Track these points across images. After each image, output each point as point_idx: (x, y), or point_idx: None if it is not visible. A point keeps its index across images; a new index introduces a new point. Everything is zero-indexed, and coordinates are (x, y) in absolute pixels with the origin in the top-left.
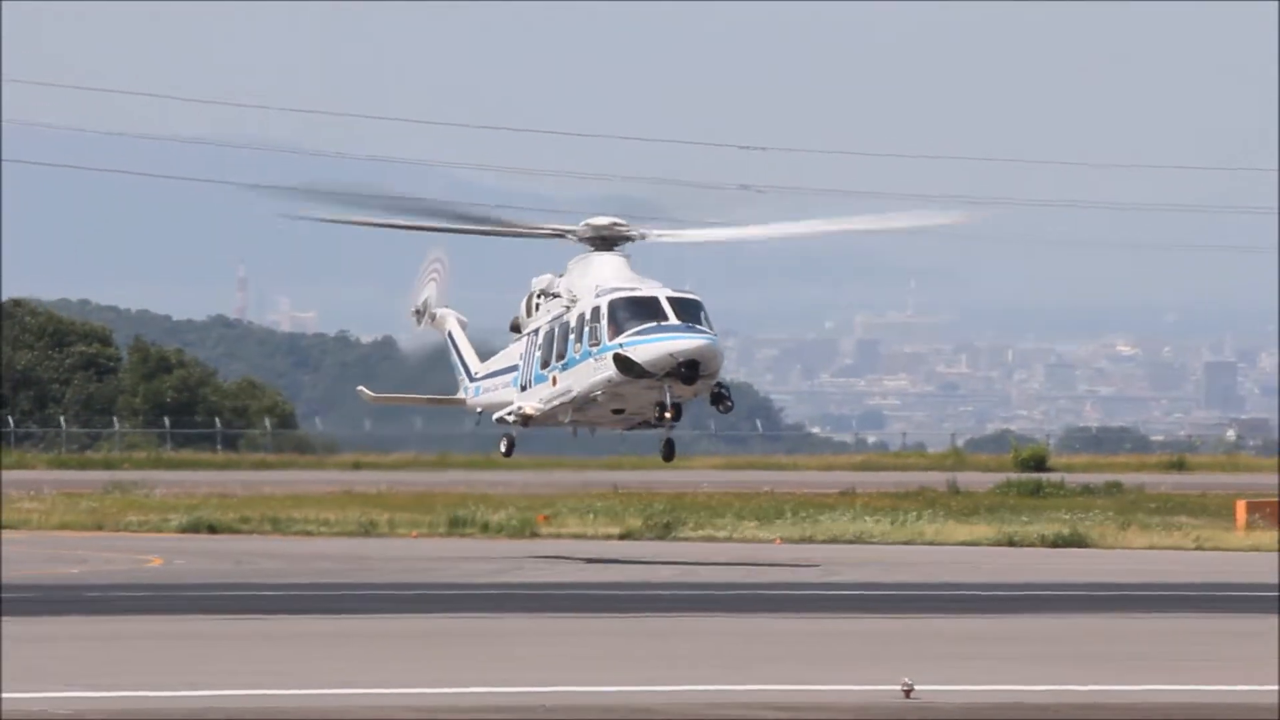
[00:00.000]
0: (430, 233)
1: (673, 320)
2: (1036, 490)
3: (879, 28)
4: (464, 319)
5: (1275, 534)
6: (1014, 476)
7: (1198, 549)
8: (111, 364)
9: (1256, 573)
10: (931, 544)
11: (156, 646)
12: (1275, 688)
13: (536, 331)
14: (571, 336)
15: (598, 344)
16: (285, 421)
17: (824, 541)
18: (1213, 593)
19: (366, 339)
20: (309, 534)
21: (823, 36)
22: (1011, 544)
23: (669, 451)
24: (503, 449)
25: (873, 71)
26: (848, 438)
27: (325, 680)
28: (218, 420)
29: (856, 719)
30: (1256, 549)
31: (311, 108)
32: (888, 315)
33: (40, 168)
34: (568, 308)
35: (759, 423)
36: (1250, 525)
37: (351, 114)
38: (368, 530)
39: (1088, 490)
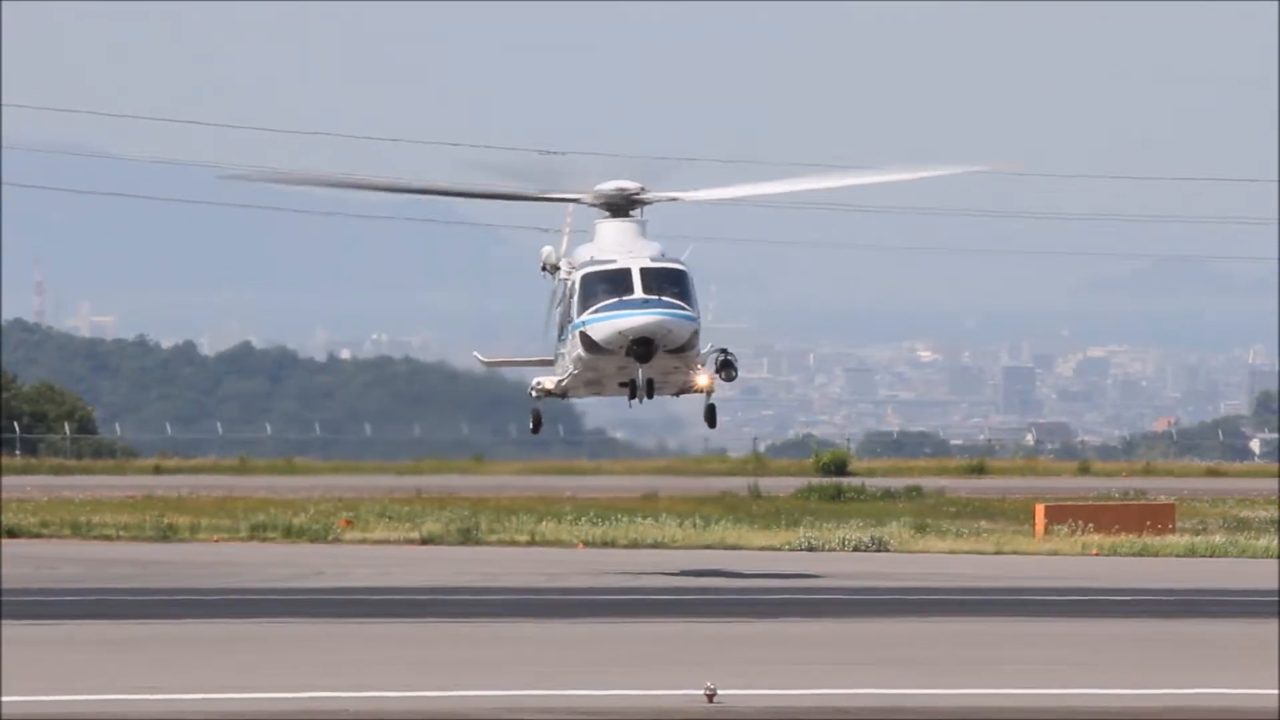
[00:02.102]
0: (437, 197)
1: (637, 294)
2: (837, 495)
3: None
4: None
5: (1073, 537)
6: (815, 481)
7: (997, 553)
8: None
9: (1054, 576)
10: (733, 549)
11: None
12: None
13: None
14: (564, 310)
15: (572, 319)
16: (85, 426)
17: (625, 546)
18: (1012, 596)
19: (167, 343)
20: (109, 539)
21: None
22: (811, 548)
23: (710, 417)
24: (531, 425)
25: (656, 72)
26: (650, 443)
27: (124, 686)
28: (16, 425)
29: None
30: (1055, 553)
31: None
32: None
33: None
34: (565, 280)
35: (560, 428)
36: (1049, 530)
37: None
38: (167, 535)
39: (888, 494)
